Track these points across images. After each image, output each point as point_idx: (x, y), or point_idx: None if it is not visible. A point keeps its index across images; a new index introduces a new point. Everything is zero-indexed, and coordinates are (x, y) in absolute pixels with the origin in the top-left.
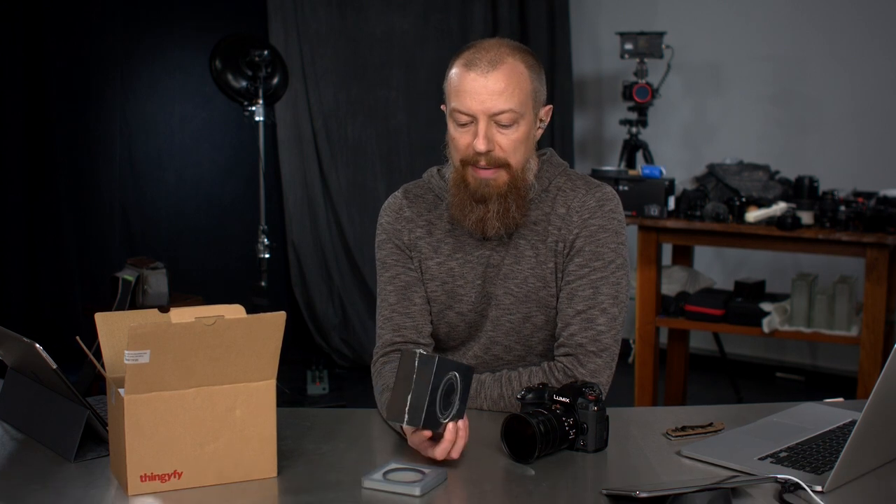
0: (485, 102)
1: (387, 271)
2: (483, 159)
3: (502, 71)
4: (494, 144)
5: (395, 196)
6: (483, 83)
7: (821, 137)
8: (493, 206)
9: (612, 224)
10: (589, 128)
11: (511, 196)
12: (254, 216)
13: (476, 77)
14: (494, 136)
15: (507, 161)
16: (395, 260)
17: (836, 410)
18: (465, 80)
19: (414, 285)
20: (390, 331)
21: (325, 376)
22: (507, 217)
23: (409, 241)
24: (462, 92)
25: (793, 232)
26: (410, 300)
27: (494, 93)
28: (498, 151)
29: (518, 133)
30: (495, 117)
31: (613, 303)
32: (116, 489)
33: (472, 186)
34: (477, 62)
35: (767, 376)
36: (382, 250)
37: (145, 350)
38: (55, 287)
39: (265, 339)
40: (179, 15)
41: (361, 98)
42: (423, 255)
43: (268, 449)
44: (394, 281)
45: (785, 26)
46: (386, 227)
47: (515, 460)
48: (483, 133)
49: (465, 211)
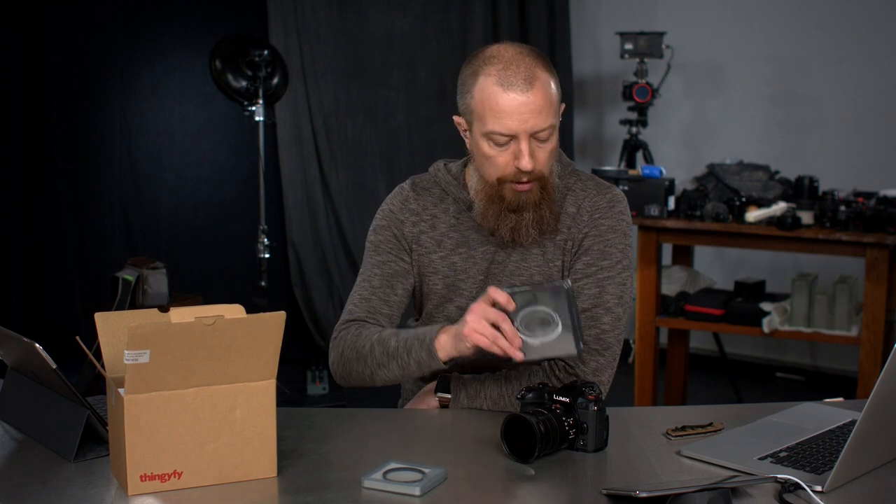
0: (527, 122)
1: (378, 255)
2: (526, 177)
3: (538, 88)
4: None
5: (403, 187)
6: (524, 103)
7: (821, 137)
8: (527, 215)
9: (621, 225)
10: (589, 128)
11: (545, 203)
12: (254, 216)
13: (515, 97)
14: (535, 151)
15: (543, 173)
16: (390, 248)
17: (836, 410)
18: (504, 101)
19: (401, 276)
20: (364, 311)
21: (325, 376)
22: (542, 223)
23: (410, 234)
24: (502, 113)
25: (793, 232)
26: (393, 289)
27: (535, 112)
28: (538, 166)
29: (552, 143)
30: (536, 134)
31: (618, 303)
32: (116, 489)
33: (509, 199)
34: (512, 81)
35: (767, 376)
36: (379, 235)
37: (145, 350)
38: (55, 287)
39: (265, 339)
40: (179, 15)
41: (361, 98)
42: (425, 249)
43: (268, 449)
44: (382, 266)
45: (785, 26)
46: (388, 214)
47: (515, 460)
48: (528, 152)
49: (500, 220)
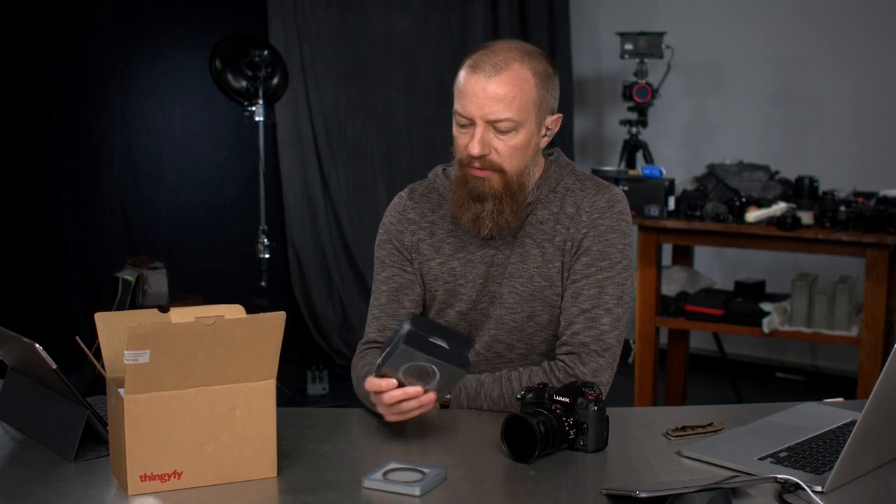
0: (483, 108)
1: (383, 271)
2: (477, 162)
3: (504, 77)
4: (490, 149)
5: (401, 196)
6: (483, 87)
7: (821, 137)
8: (488, 206)
9: (620, 225)
10: (589, 128)
11: (506, 199)
12: (254, 216)
13: (478, 80)
14: (491, 140)
15: (502, 166)
16: (393, 261)
17: (836, 410)
18: (468, 83)
19: (406, 288)
20: (375, 330)
21: (325, 376)
22: (500, 218)
23: (409, 244)
24: (463, 94)
25: (793, 232)
26: (400, 303)
27: (493, 99)
28: (493, 156)
29: (516, 140)
30: (493, 123)
31: (618, 303)
32: (116, 489)
33: (470, 184)
34: (482, 65)
35: (767, 376)
36: (382, 250)
37: (145, 350)
38: (55, 287)
39: (265, 339)
40: (179, 15)
41: (361, 98)
42: (424, 257)
43: (268, 449)
44: (388, 281)
45: (785, 26)
46: (388, 228)
47: (515, 460)
48: (478, 138)
49: (463, 208)
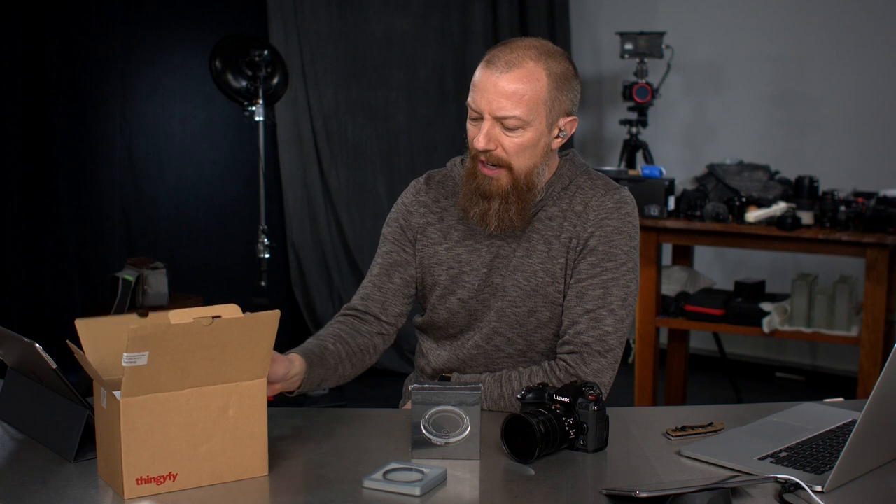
0: (491, 103)
1: (384, 246)
2: (483, 157)
3: (516, 74)
4: (497, 144)
5: (418, 181)
6: (494, 83)
7: (821, 137)
8: (494, 204)
9: (627, 227)
10: (589, 128)
11: (512, 198)
12: (254, 216)
13: (490, 76)
14: (498, 136)
15: (509, 163)
16: (395, 238)
17: (836, 410)
18: (481, 77)
19: (400, 266)
20: (360, 298)
21: None
22: (504, 217)
23: (416, 225)
24: (475, 87)
25: (793, 232)
26: (389, 278)
27: (502, 95)
28: (500, 152)
29: (523, 138)
30: (501, 120)
31: (622, 305)
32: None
33: (479, 180)
34: (496, 61)
35: (767, 376)
36: (389, 226)
37: (144, 352)
38: (55, 287)
39: (259, 338)
40: (179, 15)
41: (361, 98)
42: (431, 240)
43: (259, 447)
44: (385, 256)
45: (785, 26)
46: (399, 207)
47: (515, 460)
48: (484, 132)
49: (471, 203)
